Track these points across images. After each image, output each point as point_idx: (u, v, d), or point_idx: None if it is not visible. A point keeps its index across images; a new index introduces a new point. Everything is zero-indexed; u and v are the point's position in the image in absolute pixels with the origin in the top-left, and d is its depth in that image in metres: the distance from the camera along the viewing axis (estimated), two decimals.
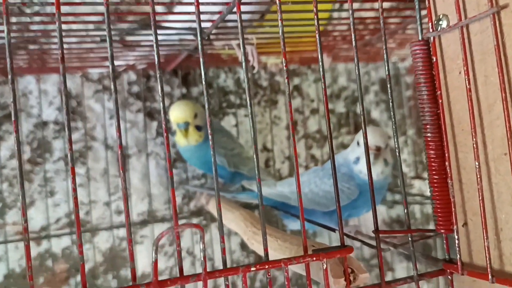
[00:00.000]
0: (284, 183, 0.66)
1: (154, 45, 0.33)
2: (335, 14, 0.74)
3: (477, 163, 0.35)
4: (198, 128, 0.71)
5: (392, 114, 0.40)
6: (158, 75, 0.33)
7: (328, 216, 0.62)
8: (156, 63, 0.33)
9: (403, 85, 0.96)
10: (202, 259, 0.33)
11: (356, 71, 0.38)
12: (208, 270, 0.33)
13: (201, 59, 0.35)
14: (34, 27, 0.61)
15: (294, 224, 0.71)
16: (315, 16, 0.36)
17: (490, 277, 0.34)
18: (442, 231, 0.39)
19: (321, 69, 0.37)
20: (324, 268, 0.36)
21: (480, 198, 0.34)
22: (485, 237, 0.34)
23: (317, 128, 0.92)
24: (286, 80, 0.35)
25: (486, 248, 0.34)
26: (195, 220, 0.84)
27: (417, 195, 0.89)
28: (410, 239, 0.40)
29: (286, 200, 0.64)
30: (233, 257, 0.86)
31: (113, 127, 0.81)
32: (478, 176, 0.35)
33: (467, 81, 0.35)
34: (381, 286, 0.38)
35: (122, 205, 0.81)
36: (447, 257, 0.40)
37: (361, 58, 0.85)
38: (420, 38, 0.40)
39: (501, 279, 0.33)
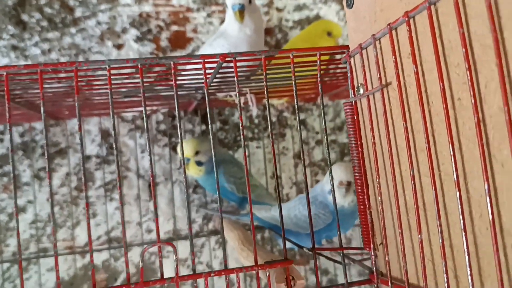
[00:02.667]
0: (277, 209, 0.79)
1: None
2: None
3: (379, 198, 0.47)
4: (199, 163, 0.84)
5: (327, 152, 0.53)
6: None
7: (308, 236, 0.74)
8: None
9: None
10: (175, 267, 0.46)
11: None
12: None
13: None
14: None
15: (280, 243, 0.83)
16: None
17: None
18: (367, 248, 0.51)
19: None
20: (267, 275, 0.49)
21: (382, 224, 0.46)
22: (387, 255, 0.46)
23: (322, 157, 1.04)
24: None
25: (388, 264, 0.46)
26: (213, 238, 0.98)
27: None
28: (342, 254, 0.52)
29: (276, 223, 0.77)
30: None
31: (144, 160, 0.97)
32: (381, 208, 0.47)
33: (372, 136, 0.47)
34: None
35: (151, 225, 0.96)
36: (374, 269, 0.52)
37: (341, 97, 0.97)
38: (350, 100, 0.53)
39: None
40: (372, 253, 0.50)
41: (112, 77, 0.49)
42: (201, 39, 1.00)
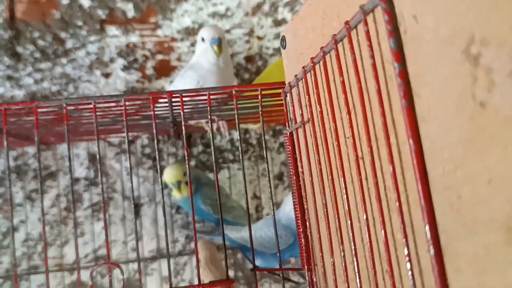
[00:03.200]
0: (246, 229, 0.83)
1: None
2: None
3: (308, 223, 0.51)
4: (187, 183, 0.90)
5: (268, 179, 0.57)
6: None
7: (274, 256, 0.78)
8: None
9: None
10: (122, 286, 0.51)
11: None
12: None
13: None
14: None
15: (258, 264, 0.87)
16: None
17: None
18: (304, 269, 0.55)
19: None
20: None
21: (311, 247, 0.50)
22: (314, 275, 0.50)
23: None
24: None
25: (315, 284, 0.50)
26: (195, 257, 1.03)
27: None
28: (281, 275, 0.57)
29: (245, 243, 0.81)
30: None
31: (130, 182, 1.02)
32: (309, 232, 0.51)
33: (300, 166, 0.52)
34: None
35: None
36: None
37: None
38: (286, 132, 0.57)
39: None
40: (307, 274, 0.54)
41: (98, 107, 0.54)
42: (184, 67, 1.06)
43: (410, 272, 0.30)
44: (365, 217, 0.36)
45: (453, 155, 0.26)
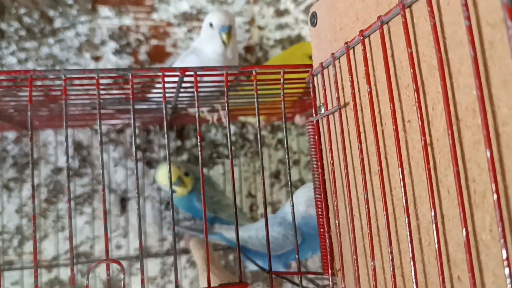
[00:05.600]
0: (244, 229, 0.77)
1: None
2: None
3: (337, 222, 0.45)
4: (187, 174, 0.84)
5: (288, 172, 0.51)
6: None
7: (277, 258, 0.72)
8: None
9: None
10: (122, 286, 0.45)
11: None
12: None
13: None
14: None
15: (250, 265, 0.81)
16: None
17: None
18: (326, 274, 0.50)
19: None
20: None
21: (340, 249, 0.45)
22: (343, 282, 0.44)
23: (299, 177, 1.03)
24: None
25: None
26: (184, 257, 0.96)
27: None
28: (300, 278, 0.51)
29: (244, 243, 0.75)
30: None
31: (117, 174, 0.95)
32: (338, 232, 0.45)
33: (331, 157, 0.46)
34: None
35: (121, 241, 0.94)
36: None
37: None
38: (311, 120, 0.51)
39: None
40: (330, 279, 0.48)
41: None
42: (180, 54, 0.99)
43: (509, 280, 0.25)
44: (433, 213, 0.30)
45: None
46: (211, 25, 0.74)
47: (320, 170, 0.50)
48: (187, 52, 0.77)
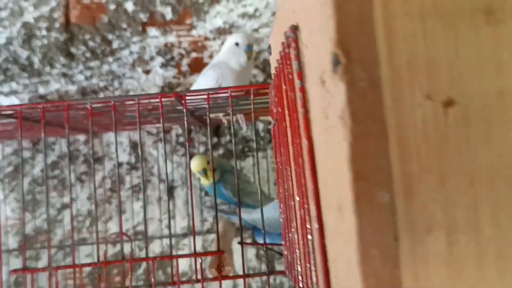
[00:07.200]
0: (258, 211, 0.93)
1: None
2: None
3: (295, 224, 0.61)
4: (215, 169, 1.02)
5: (257, 172, 0.67)
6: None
7: (278, 235, 0.88)
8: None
9: None
10: (130, 250, 0.63)
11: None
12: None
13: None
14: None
15: (260, 240, 0.97)
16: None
17: None
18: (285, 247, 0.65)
19: None
20: (200, 262, 0.64)
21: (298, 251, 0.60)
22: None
23: None
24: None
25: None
26: None
27: None
28: (265, 249, 0.67)
29: (255, 223, 0.91)
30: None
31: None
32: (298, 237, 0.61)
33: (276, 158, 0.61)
34: (242, 276, 0.65)
35: (170, 222, 1.14)
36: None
37: None
38: (271, 126, 0.67)
39: None
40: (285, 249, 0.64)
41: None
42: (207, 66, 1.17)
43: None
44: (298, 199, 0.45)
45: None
46: (237, 44, 0.91)
47: (277, 166, 0.65)
48: (207, 68, 0.94)
